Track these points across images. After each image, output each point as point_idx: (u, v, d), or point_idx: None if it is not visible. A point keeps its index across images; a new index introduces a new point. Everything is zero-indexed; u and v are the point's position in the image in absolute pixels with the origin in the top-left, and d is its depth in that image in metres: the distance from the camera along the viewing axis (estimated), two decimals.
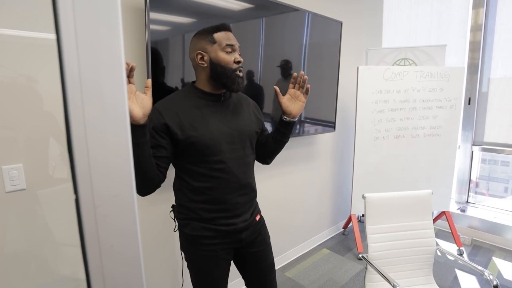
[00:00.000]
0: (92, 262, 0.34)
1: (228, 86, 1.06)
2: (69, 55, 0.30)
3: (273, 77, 2.02)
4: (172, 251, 1.75)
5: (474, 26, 2.75)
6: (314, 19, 2.19)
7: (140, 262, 0.38)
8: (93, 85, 0.32)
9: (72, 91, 0.31)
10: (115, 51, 0.33)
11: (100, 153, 0.33)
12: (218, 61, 1.04)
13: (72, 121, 0.31)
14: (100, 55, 0.32)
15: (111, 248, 0.35)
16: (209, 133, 1.04)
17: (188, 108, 1.05)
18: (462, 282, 2.19)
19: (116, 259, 0.35)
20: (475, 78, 2.81)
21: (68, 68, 0.30)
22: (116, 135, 0.34)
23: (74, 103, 0.31)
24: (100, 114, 0.33)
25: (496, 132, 2.80)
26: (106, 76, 0.33)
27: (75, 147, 0.31)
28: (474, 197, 3.09)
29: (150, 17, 1.37)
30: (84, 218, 0.33)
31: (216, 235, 1.11)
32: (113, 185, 0.34)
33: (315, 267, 2.42)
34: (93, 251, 0.34)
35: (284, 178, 2.39)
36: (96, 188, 0.33)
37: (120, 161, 0.34)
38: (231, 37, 1.05)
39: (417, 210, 1.60)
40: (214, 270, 1.13)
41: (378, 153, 2.57)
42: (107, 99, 0.33)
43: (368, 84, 2.45)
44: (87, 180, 0.32)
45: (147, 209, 1.61)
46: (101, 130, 0.33)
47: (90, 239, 0.33)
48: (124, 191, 0.35)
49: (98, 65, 0.32)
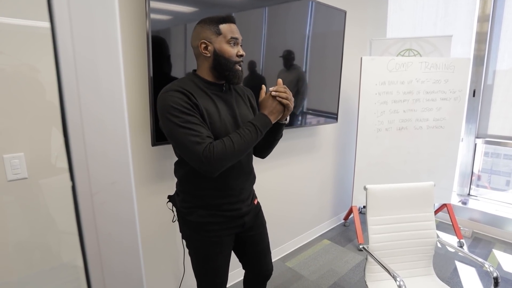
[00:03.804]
0: (90, 250, 0.34)
1: (229, 78, 1.07)
2: (64, 44, 0.29)
3: (275, 67, 2.00)
4: (173, 240, 1.76)
5: (481, 16, 2.70)
6: (317, 8, 2.15)
7: (139, 249, 0.38)
8: (89, 73, 0.31)
9: (67, 79, 0.30)
10: (111, 40, 0.32)
11: (97, 141, 0.33)
12: (222, 52, 1.04)
13: (68, 109, 0.31)
14: (96, 42, 0.31)
15: (108, 236, 0.35)
16: (221, 121, 1.05)
17: (199, 93, 1.04)
18: (462, 273, 2.20)
19: (114, 247, 0.35)
20: (480, 70, 2.77)
21: (63, 56, 0.30)
22: (113, 123, 0.34)
23: (69, 90, 0.30)
24: (96, 102, 0.32)
25: (501, 124, 2.77)
26: (103, 63, 0.32)
27: (71, 134, 0.31)
28: (476, 190, 3.09)
29: (150, 6, 1.35)
30: (81, 205, 0.33)
31: (222, 221, 1.14)
32: (110, 172, 0.34)
33: (316, 257, 2.44)
34: (91, 238, 0.33)
35: (286, 169, 2.39)
36: (93, 176, 0.33)
37: (117, 149, 0.34)
38: (235, 30, 1.06)
39: (418, 202, 1.60)
40: (218, 256, 1.16)
41: (381, 145, 2.56)
42: (104, 87, 0.32)
43: (372, 75, 2.42)
44: (84, 167, 0.32)
45: (148, 198, 1.61)
46: (98, 118, 0.33)
47: (88, 227, 0.33)
48: (121, 178, 0.35)
49: (94, 51, 0.31)
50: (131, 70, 1.46)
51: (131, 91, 1.47)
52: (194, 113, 0.96)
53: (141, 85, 1.49)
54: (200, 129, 0.95)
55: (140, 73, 1.48)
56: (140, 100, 1.50)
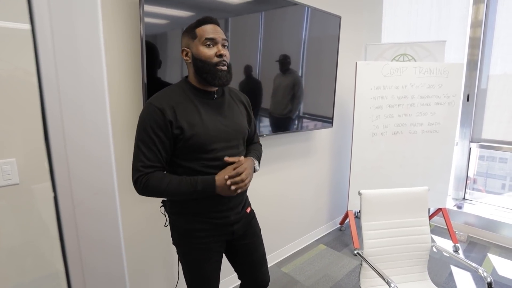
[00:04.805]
0: (71, 260, 0.33)
1: (209, 81, 1.04)
2: (45, 46, 0.29)
3: (272, 71, 2.00)
4: (167, 246, 1.75)
5: (474, 22, 2.73)
6: (312, 13, 2.17)
7: (123, 259, 0.37)
8: (71, 89, 0.31)
9: (48, 86, 0.30)
10: (94, 44, 0.32)
11: (79, 151, 0.32)
12: (198, 55, 1.03)
13: (49, 118, 0.30)
14: (78, 47, 0.31)
15: (91, 244, 0.34)
16: (206, 131, 1.03)
17: (185, 104, 1.04)
18: (457, 278, 2.20)
19: (97, 256, 0.35)
20: (474, 75, 2.79)
21: (43, 62, 0.29)
22: (97, 132, 0.33)
23: (50, 99, 0.30)
24: (79, 113, 0.32)
25: (495, 129, 2.79)
26: (85, 73, 0.32)
27: (53, 142, 0.31)
28: (471, 193, 3.10)
29: (144, 10, 1.35)
30: (63, 217, 0.32)
31: (209, 228, 1.12)
32: (93, 182, 0.33)
33: (311, 262, 2.43)
34: (73, 250, 0.33)
35: (281, 173, 2.39)
36: (75, 186, 0.32)
37: (101, 159, 0.34)
38: (212, 30, 1.03)
39: (413, 207, 1.60)
40: (207, 263, 1.14)
41: (376, 149, 2.56)
42: (86, 96, 0.32)
43: (367, 79, 2.43)
44: (66, 177, 0.32)
45: (140, 204, 1.60)
46: (80, 130, 0.32)
47: (69, 237, 0.33)
48: (105, 188, 0.34)
49: (76, 57, 0.31)
50: (125, 75, 1.45)
51: (125, 97, 1.47)
52: (157, 135, 0.99)
53: (136, 90, 1.49)
54: (150, 155, 0.99)
55: (134, 79, 1.47)
56: (136, 106, 1.49)
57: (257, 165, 1.18)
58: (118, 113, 1.46)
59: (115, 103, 1.43)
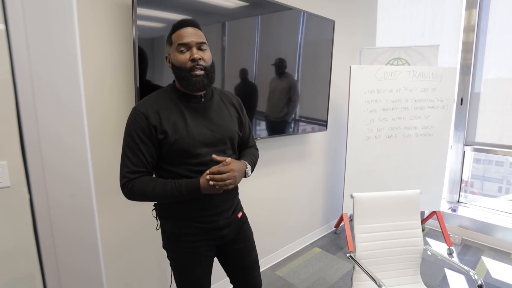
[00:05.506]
0: (47, 265, 0.33)
1: (185, 87, 1.03)
2: (18, 47, 0.29)
3: (268, 75, 2.01)
4: (160, 250, 1.74)
5: (467, 26, 2.76)
6: (307, 18, 2.19)
7: (100, 264, 0.37)
8: (46, 85, 0.31)
9: (22, 88, 0.30)
10: (70, 49, 0.32)
11: (54, 153, 0.32)
12: (175, 62, 1.03)
13: (23, 121, 0.30)
14: (53, 50, 0.31)
15: (67, 248, 0.34)
16: (190, 136, 1.03)
17: (170, 109, 1.04)
18: (451, 281, 2.21)
19: (73, 260, 0.35)
20: (467, 79, 2.82)
21: (17, 63, 0.30)
22: (72, 138, 0.33)
23: (25, 101, 0.30)
24: (54, 115, 0.32)
25: (489, 132, 2.81)
26: (61, 75, 0.32)
27: (27, 145, 0.31)
28: (466, 196, 3.11)
29: (137, 13, 1.35)
30: (38, 219, 0.32)
31: (197, 232, 1.11)
32: (69, 185, 0.33)
33: (306, 265, 2.43)
34: (48, 252, 0.33)
35: (276, 177, 2.39)
36: (51, 188, 0.32)
37: (77, 162, 0.34)
38: (186, 34, 1.00)
39: (405, 210, 1.61)
40: (196, 267, 1.13)
41: (370, 153, 2.57)
42: (62, 99, 0.32)
43: (361, 83, 2.45)
44: (41, 179, 0.32)
45: (131, 208, 1.60)
46: (55, 132, 0.32)
47: (45, 241, 0.33)
48: (81, 191, 0.34)
49: (51, 60, 0.31)
50: (118, 78, 1.45)
51: (118, 99, 1.47)
52: (142, 140, 1.00)
53: (128, 93, 1.49)
54: (136, 160, 1.00)
55: (127, 81, 1.48)
56: (129, 109, 1.50)
57: (249, 170, 1.14)
58: (111, 116, 1.45)
59: (107, 105, 1.43)
